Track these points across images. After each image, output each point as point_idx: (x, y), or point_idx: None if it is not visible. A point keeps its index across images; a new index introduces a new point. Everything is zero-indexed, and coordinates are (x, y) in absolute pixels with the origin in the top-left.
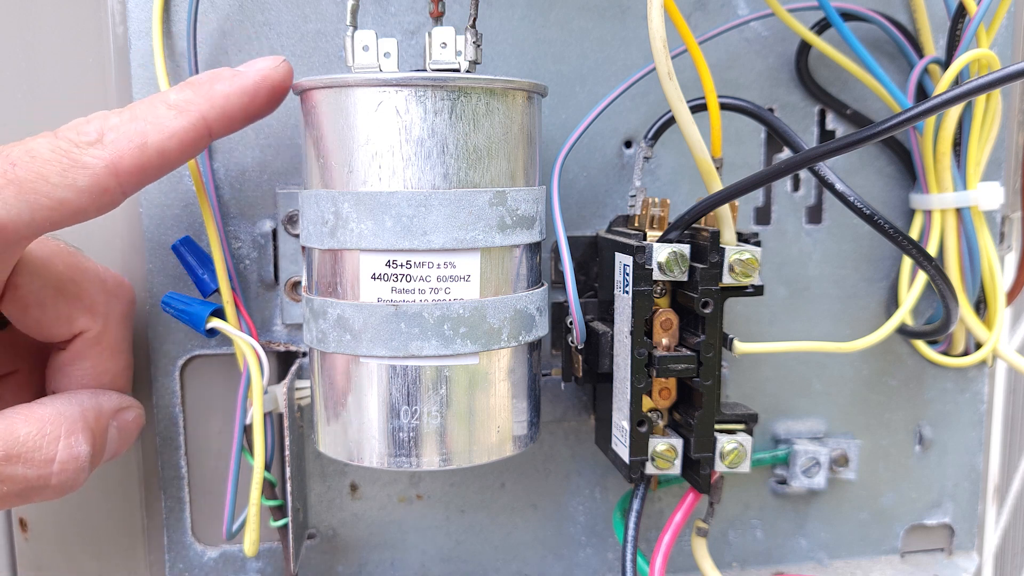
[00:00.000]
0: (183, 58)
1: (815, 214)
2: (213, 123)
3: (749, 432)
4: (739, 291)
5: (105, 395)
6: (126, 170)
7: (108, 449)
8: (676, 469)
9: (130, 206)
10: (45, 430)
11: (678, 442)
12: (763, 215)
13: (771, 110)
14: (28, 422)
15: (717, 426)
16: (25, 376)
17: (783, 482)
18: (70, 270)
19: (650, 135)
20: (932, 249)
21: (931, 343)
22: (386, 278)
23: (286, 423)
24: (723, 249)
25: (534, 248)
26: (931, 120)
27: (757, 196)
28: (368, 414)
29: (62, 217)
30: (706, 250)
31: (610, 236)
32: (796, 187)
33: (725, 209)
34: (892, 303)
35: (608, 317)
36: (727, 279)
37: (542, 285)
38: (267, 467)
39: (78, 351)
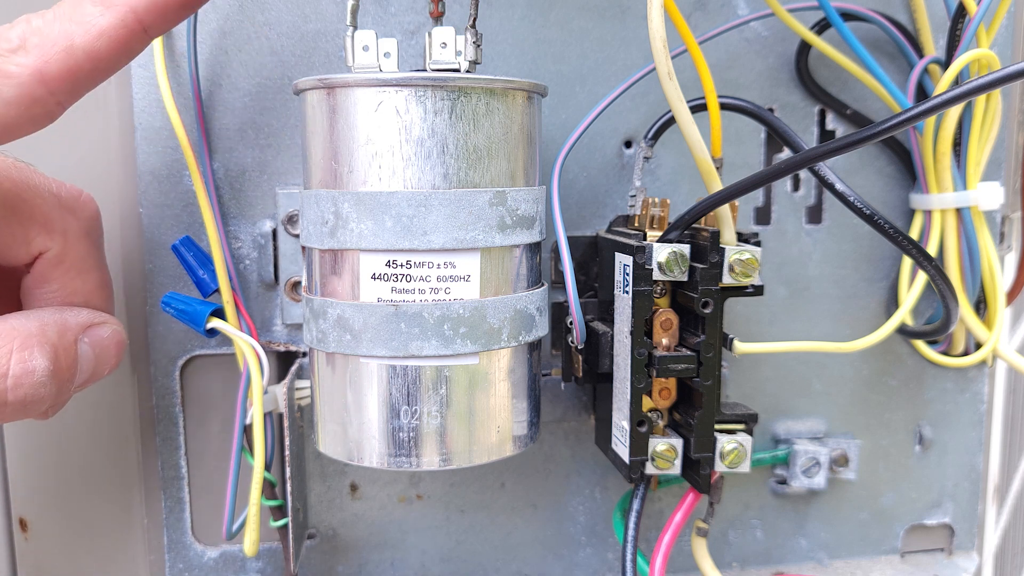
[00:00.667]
0: (183, 58)
1: (815, 214)
2: (145, 16)
3: (749, 432)
4: (739, 291)
5: (72, 311)
6: (54, 76)
7: (83, 368)
8: (676, 469)
9: (130, 206)
10: None
11: (678, 442)
12: (763, 215)
13: (771, 110)
14: None
15: (717, 426)
16: (1, 306)
17: (783, 482)
18: (18, 187)
19: (650, 135)
20: (932, 249)
21: (931, 343)
22: (386, 278)
23: (286, 423)
24: (723, 249)
25: (534, 248)
26: (931, 120)
27: (757, 196)
28: (368, 414)
29: None
30: (706, 250)
31: (610, 236)
32: (796, 187)
33: (725, 209)
34: (892, 303)
35: (608, 317)
36: (727, 279)
37: (542, 285)
38: (267, 467)
39: (41, 273)
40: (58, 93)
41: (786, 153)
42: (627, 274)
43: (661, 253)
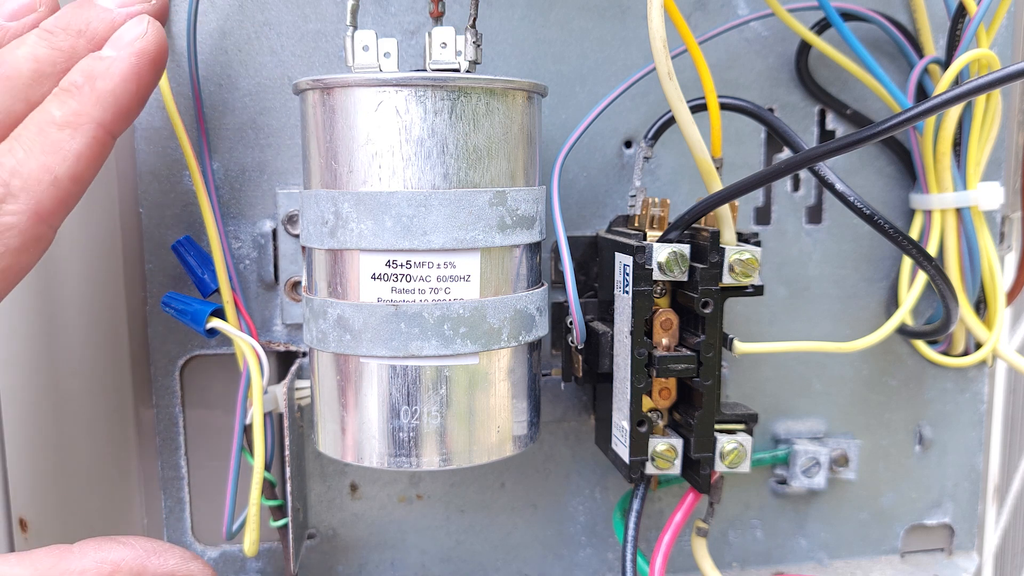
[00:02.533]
0: (183, 58)
1: (815, 214)
2: (111, 126)
3: (749, 432)
4: (739, 291)
5: (160, 555)
6: (50, 211)
7: None
8: (676, 469)
9: (130, 205)
10: None
11: (678, 442)
12: (763, 215)
13: (771, 110)
14: (23, 569)
15: (717, 426)
16: None
17: (783, 482)
18: None
19: (650, 135)
20: (932, 249)
21: (931, 343)
22: (386, 278)
23: (286, 423)
24: (723, 249)
25: (534, 248)
26: (931, 120)
27: (757, 196)
28: (368, 414)
29: (10, 284)
30: (706, 250)
31: (610, 236)
32: (796, 187)
33: (725, 209)
34: (892, 303)
35: (608, 317)
36: (727, 279)
37: (542, 285)
38: (267, 467)
39: None
40: (54, 223)
41: (786, 153)
42: (627, 274)
43: (661, 253)
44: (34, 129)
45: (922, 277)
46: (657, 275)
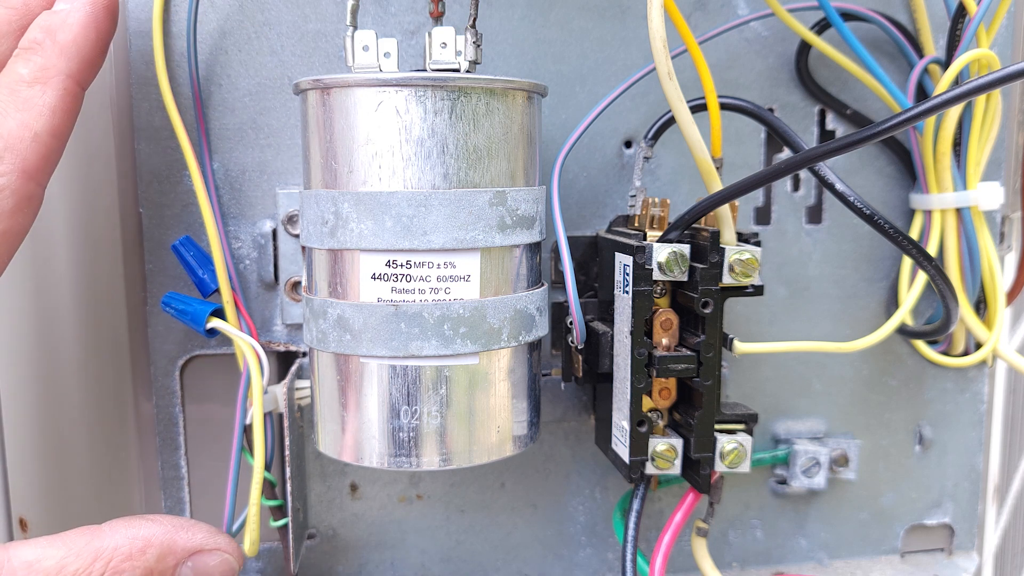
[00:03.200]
0: (183, 58)
1: (815, 214)
2: (79, 75)
3: (749, 432)
4: (739, 291)
5: (187, 530)
6: (36, 168)
7: None
8: (676, 469)
9: (130, 205)
10: (68, 568)
11: (678, 442)
12: (763, 215)
13: (771, 110)
14: (57, 550)
15: (717, 426)
16: None
17: (783, 482)
18: None
19: (650, 135)
20: (932, 249)
21: (931, 343)
22: (386, 278)
23: (286, 423)
24: (723, 249)
25: (534, 248)
26: (931, 120)
27: (757, 196)
28: (368, 414)
29: (10, 248)
30: (706, 250)
31: (610, 236)
32: (796, 187)
33: (725, 209)
34: (892, 303)
35: (608, 317)
36: (727, 279)
37: (542, 285)
38: (267, 467)
39: None
40: (42, 181)
41: (786, 153)
42: (627, 274)
43: (661, 253)
44: (5, 90)
45: (922, 277)
46: (657, 275)
